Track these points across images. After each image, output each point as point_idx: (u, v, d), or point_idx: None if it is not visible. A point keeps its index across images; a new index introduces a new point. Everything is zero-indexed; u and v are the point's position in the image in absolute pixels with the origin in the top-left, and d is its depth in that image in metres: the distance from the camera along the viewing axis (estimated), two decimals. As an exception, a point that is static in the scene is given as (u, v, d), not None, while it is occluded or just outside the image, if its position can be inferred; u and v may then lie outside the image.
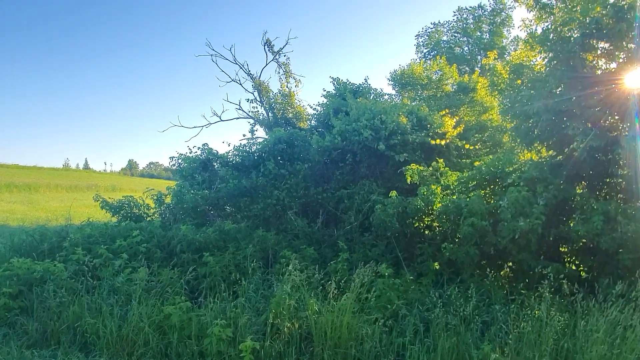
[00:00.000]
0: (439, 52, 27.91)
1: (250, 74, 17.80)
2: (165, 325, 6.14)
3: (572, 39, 7.64)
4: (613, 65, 7.94)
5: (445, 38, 30.79)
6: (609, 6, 7.30)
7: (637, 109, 7.14)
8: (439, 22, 31.48)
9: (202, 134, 45.90)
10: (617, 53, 7.80)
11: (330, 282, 6.52)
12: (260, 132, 17.39)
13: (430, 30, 31.30)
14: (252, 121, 17.73)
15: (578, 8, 7.60)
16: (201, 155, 12.97)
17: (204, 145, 13.02)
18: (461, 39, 30.18)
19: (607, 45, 7.76)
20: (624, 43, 7.55)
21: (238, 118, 18.13)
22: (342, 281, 6.75)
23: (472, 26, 29.83)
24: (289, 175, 11.54)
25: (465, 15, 30.43)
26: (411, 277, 7.95)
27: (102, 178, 62.68)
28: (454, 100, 15.28)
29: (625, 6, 7.19)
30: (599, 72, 7.93)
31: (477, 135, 14.10)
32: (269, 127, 16.42)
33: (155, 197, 12.17)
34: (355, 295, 6.35)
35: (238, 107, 17.97)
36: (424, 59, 27.55)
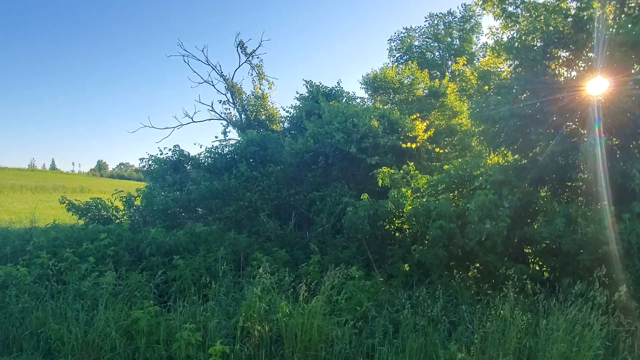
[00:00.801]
0: (411, 57, 28.38)
1: (223, 75, 17.70)
2: (133, 330, 6.04)
3: (535, 47, 7.93)
4: (574, 73, 8.28)
5: (417, 43, 31.32)
6: (569, 17, 7.61)
7: (596, 115, 7.44)
8: (411, 27, 32.06)
9: (173, 135, 45.35)
10: (577, 62, 8.14)
11: (301, 284, 6.55)
12: (233, 134, 17.31)
13: (402, 35, 31.80)
14: (224, 123, 17.63)
15: (541, 18, 7.88)
16: (172, 157, 12.82)
17: (175, 146, 12.88)
18: (432, 44, 30.78)
19: (567, 54, 8.09)
20: (583, 52, 7.89)
21: (210, 119, 17.99)
22: (314, 283, 6.79)
23: (442, 32, 30.48)
24: (261, 177, 11.52)
25: (436, 21, 31.06)
26: (381, 279, 8.06)
27: (70, 179, 60.80)
28: (425, 105, 15.56)
29: (585, 17, 7.51)
30: (561, 79, 8.24)
31: (447, 139, 14.40)
32: (242, 129, 16.34)
33: (124, 199, 11.95)
34: (325, 297, 6.40)
35: (210, 108, 17.85)
36: (396, 63, 27.95)
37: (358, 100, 16.53)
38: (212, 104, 18.09)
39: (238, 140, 13.52)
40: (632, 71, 7.34)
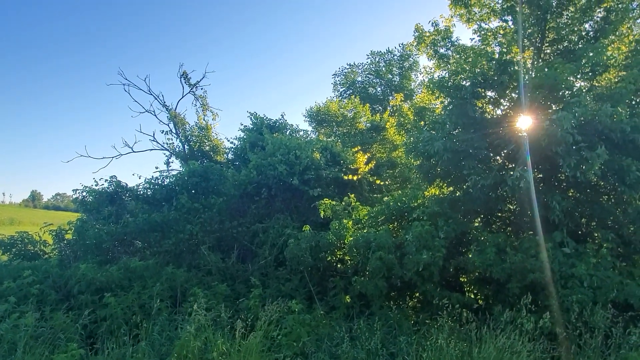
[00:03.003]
0: (354, 92, 29.27)
1: (166, 105, 17.31)
2: (54, 376, 5.61)
3: (464, 87, 8.45)
4: (499, 111, 8.88)
5: (360, 78, 32.40)
6: (493, 60, 8.22)
7: (524, 150, 7.92)
8: (354, 63, 33.20)
9: (113, 166, 43.35)
10: (501, 101, 8.75)
11: (238, 320, 6.39)
12: (176, 165, 16.88)
13: (346, 70, 32.87)
14: (167, 153, 17.19)
15: (469, 60, 8.45)
16: (108, 188, 12.30)
17: (111, 177, 12.39)
18: (374, 80, 31.94)
19: (493, 93, 8.69)
20: (507, 92, 8.50)
21: (152, 150, 17.44)
22: (252, 318, 6.64)
23: (383, 69, 31.77)
24: (203, 209, 11.29)
25: (377, 59, 32.37)
26: (322, 312, 8.02)
27: (-2, 210, 56.57)
28: (366, 138, 16.05)
29: (507, 61, 8.14)
30: (488, 117, 8.80)
31: (388, 171, 14.85)
32: (185, 160, 16.01)
33: (54, 233, 11.26)
34: (263, 333, 6.27)
35: (152, 138, 17.34)
36: (340, 97, 28.71)
37: (302, 133, 16.79)
38: (153, 134, 17.68)
39: (179, 171, 13.23)
40: (550, 111, 7.99)
